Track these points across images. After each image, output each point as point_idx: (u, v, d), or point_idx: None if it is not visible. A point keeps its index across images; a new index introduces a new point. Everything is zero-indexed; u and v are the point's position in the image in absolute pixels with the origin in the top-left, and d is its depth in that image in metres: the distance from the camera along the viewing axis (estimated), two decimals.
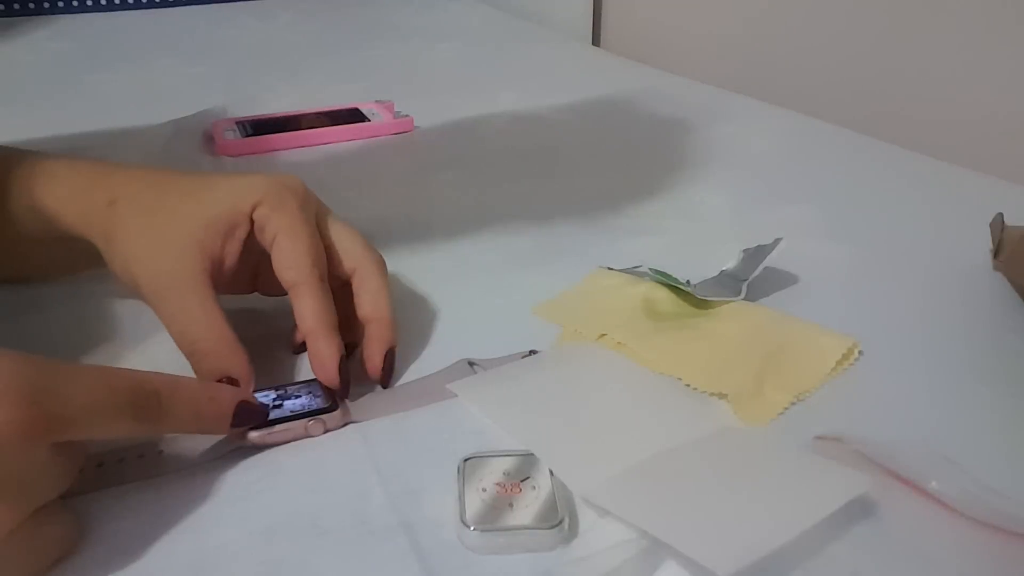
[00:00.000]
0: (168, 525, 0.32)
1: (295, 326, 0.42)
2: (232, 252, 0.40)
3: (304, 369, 0.40)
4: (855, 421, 0.38)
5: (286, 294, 0.44)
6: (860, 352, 0.43)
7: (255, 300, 0.45)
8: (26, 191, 0.42)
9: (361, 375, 0.40)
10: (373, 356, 0.40)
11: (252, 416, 0.36)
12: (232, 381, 0.37)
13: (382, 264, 0.43)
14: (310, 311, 0.39)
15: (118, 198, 0.40)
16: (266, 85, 0.92)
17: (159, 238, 0.39)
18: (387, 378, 0.41)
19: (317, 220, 0.42)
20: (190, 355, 0.38)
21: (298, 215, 0.40)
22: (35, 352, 0.29)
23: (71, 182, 0.42)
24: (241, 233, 0.40)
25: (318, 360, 0.39)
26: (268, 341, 0.44)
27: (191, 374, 0.38)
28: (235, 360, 0.37)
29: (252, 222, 0.40)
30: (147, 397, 0.31)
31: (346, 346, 0.40)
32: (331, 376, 0.39)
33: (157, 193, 0.41)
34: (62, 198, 0.41)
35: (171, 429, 0.33)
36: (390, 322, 0.41)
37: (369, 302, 0.41)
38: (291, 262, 0.39)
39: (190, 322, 0.37)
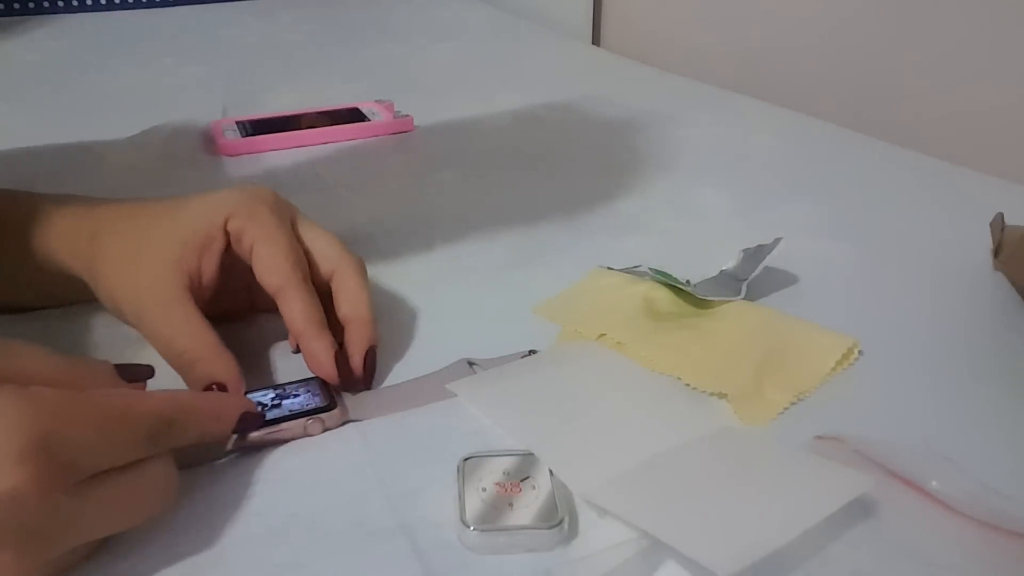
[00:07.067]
0: (167, 525, 0.32)
1: None
2: (209, 266, 0.40)
3: (302, 368, 0.40)
4: (855, 421, 0.38)
5: None
6: (860, 352, 0.43)
7: None
8: (21, 233, 0.42)
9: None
10: (354, 356, 0.40)
11: (252, 424, 0.36)
12: (221, 387, 0.37)
13: (360, 265, 0.43)
14: (298, 312, 0.39)
15: (99, 231, 0.41)
16: (266, 85, 0.92)
17: (137, 261, 0.39)
18: (369, 378, 0.40)
19: (292, 226, 0.42)
20: (178, 366, 0.38)
21: (272, 220, 0.40)
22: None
23: (59, 221, 0.42)
24: (217, 246, 0.40)
25: (314, 359, 0.39)
26: (265, 342, 0.44)
27: (180, 381, 0.38)
28: (223, 366, 0.37)
29: (228, 235, 0.40)
30: (162, 426, 0.31)
31: None
32: (329, 372, 0.39)
33: (135, 221, 0.41)
34: (51, 237, 0.42)
35: (176, 446, 0.33)
36: (370, 322, 0.41)
37: (348, 303, 0.41)
38: (272, 267, 0.39)
39: (174, 334, 0.38)
